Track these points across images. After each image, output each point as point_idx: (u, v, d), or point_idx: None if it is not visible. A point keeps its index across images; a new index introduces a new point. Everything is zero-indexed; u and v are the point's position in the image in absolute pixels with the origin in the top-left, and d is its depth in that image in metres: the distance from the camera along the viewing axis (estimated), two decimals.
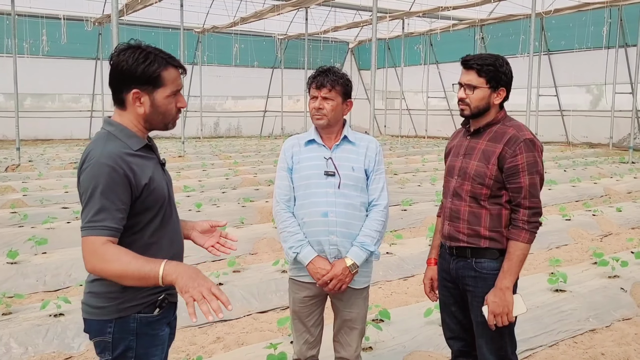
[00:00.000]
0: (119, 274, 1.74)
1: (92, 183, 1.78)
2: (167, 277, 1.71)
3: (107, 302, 1.87)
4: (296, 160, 2.69)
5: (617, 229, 7.60)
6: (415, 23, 22.09)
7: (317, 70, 2.69)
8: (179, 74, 1.95)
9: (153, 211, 1.90)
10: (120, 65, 1.86)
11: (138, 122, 1.93)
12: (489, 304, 2.40)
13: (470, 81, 2.46)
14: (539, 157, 2.43)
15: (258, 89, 25.82)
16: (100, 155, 1.80)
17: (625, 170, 13.29)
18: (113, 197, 1.78)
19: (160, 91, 1.90)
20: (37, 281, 5.18)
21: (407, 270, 5.66)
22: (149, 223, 1.90)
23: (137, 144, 1.90)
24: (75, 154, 16.39)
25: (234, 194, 9.42)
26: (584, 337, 4.05)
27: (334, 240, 2.60)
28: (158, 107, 1.91)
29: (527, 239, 2.39)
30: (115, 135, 1.88)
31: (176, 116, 1.99)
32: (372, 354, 3.52)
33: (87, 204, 1.80)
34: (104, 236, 1.76)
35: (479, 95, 2.45)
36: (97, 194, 1.77)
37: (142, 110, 1.90)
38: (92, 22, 18.65)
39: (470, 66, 2.46)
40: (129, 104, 1.91)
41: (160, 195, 1.92)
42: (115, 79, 1.90)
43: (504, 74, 2.46)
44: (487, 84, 2.44)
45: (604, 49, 17.34)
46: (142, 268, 1.72)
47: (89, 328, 1.92)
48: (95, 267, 1.76)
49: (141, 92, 1.88)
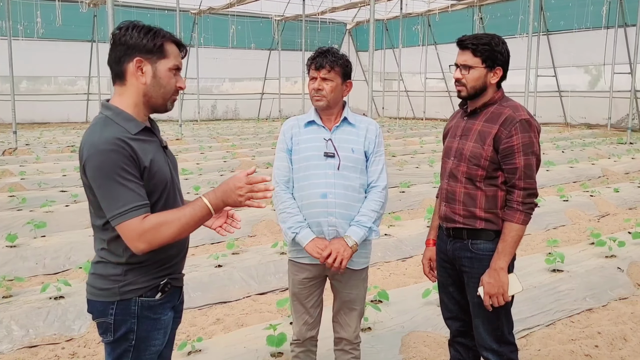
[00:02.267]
0: (178, 233, 1.81)
1: (101, 171, 1.76)
2: (217, 207, 1.85)
3: (109, 285, 1.87)
4: (295, 141, 2.68)
5: (615, 209, 7.63)
6: (413, 4, 21.89)
7: (316, 51, 2.66)
8: (179, 53, 1.95)
9: (155, 195, 1.88)
10: (125, 38, 1.86)
11: (138, 98, 1.91)
12: (484, 285, 2.41)
13: (466, 61, 2.44)
14: (535, 137, 2.41)
15: (255, 71, 25.66)
16: (99, 143, 1.77)
17: (623, 151, 13.30)
18: (127, 176, 1.77)
19: (163, 62, 1.90)
20: (36, 264, 5.19)
21: (406, 252, 5.69)
22: (153, 206, 1.88)
23: (135, 127, 1.87)
24: (72, 137, 16.33)
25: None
26: (580, 317, 4.08)
27: (332, 221, 2.60)
28: (160, 78, 1.90)
29: (522, 220, 2.39)
30: (113, 120, 1.86)
31: (175, 96, 1.98)
32: (371, 334, 3.55)
33: (106, 193, 1.77)
34: (138, 215, 1.76)
35: (475, 75, 2.44)
36: (111, 180, 1.75)
37: (144, 80, 1.89)
38: (87, 3, 18.47)
39: (466, 46, 2.45)
40: (130, 75, 1.89)
41: (162, 178, 1.91)
42: (118, 50, 1.89)
43: (500, 53, 2.43)
44: (482, 63, 2.42)
45: (603, 28, 17.26)
46: (193, 216, 1.82)
47: (92, 309, 1.93)
48: (151, 243, 1.78)
49: (144, 60, 1.87)
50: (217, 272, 4.75)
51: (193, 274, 4.61)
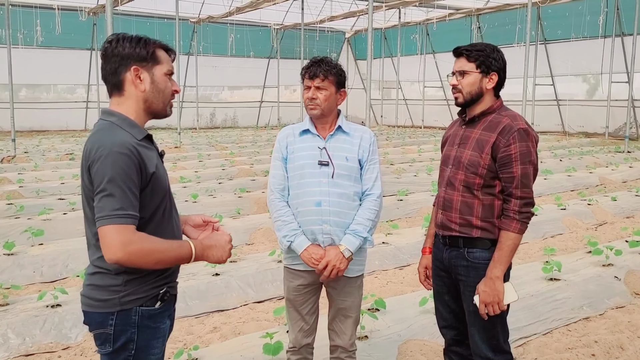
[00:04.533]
0: (156, 263, 1.83)
1: (110, 172, 1.75)
2: (197, 258, 1.91)
3: (109, 295, 1.85)
4: (290, 150, 2.70)
5: (612, 218, 7.64)
6: (411, 13, 22.01)
7: (310, 60, 2.69)
8: (169, 58, 2.01)
9: (156, 202, 1.90)
10: (117, 50, 1.90)
11: (138, 106, 1.93)
12: (479, 293, 2.42)
13: (462, 67, 2.47)
14: (533, 147, 2.42)
15: (254, 79, 25.73)
16: (112, 144, 1.78)
17: (621, 159, 13.33)
18: (131, 185, 1.78)
19: (158, 68, 1.95)
20: (33, 272, 5.19)
21: (403, 260, 5.69)
22: (152, 216, 1.89)
23: (140, 134, 1.90)
24: (71, 144, 16.34)
25: (230, 185, 9.42)
26: (577, 325, 4.08)
27: (327, 229, 2.61)
28: (158, 83, 1.95)
29: (518, 229, 2.39)
30: (119, 125, 1.87)
31: (172, 99, 2.03)
32: (368, 343, 3.55)
33: (107, 194, 1.75)
34: (132, 224, 1.75)
35: (470, 80, 2.46)
36: (116, 183, 1.75)
37: (143, 88, 1.92)
38: (86, 12, 18.56)
39: (460, 53, 2.49)
40: (128, 84, 1.91)
41: (162, 186, 1.93)
42: (112, 63, 1.91)
43: (494, 59, 2.46)
44: (477, 68, 2.45)
45: (601, 38, 17.36)
46: (177, 256, 1.86)
47: (89, 320, 1.91)
48: (130, 259, 1.74)
49: (141, 68, 1.91)
50: (215, 280, 4.74)
51: (190, 282, 4.61)
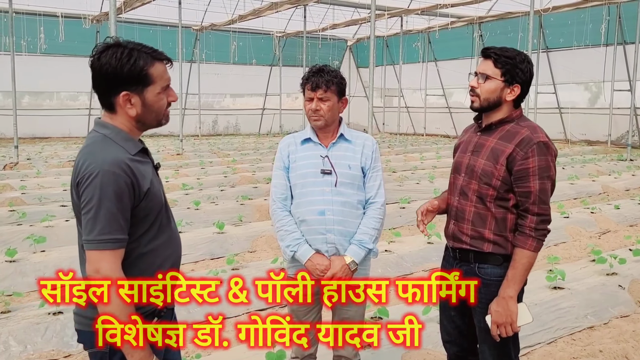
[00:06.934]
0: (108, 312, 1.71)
1: (99, 192, 1.69)
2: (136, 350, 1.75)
3: None
4: (292, 159, 2.68)
5: (615, 226, 7.61)
6: (413, 20, 22.06)
7: (310, 70, 2.65)
8: (165, 68, 1.86)
9: (151, 218, 1.85)
10: (104, 68, 1.75)
11: (130, 124, 1.85)
12: (492, 314, 2.31)
13: (485, 70, 2.35)
14: (552, 161, 2.30)
15: (256, 87, 25.77)
16: (103, 162, 1.71)
17: (624, 167, 13.29)
18: (120, 207, 1.72)
19: (150, 89, 1.81)
20: (35, 279, 5.17)
21: (406, 268, 5.67)
22: (147, 231, 1.85)
23: (134, 148, 1.83)
24: (73, 151, 16.35)
25: (232, 192, 9.41)
26: (582, 334, 4.06)
27: (331, 238, 2.60)
28: (150, 106, 1.83)
29: (534, 247, 2.27)
30: (112, 139, 1.79)
31: (167, 110, 1.91)
32: (371, 352, 3.52)
33: (93, 216, 1.71)
34: (118, 249, 1.74)
35: (491, 87, 2.34)
36: (105, 204, 1.70)
37: (134, 112, 1.82)
38: (89, 19, 18.61)
39: (488, 55, 2.37)
40: (119, 107, 1.82)
41: (158, 201, 1.87)
42: (100, 83, 1.79)
43: (522, 70, 2.33)
44: (502, 76, 2.32)
45: (603, 46, 17.35)
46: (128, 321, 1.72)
47: (83, 339, 1.88)
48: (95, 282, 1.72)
49: (131, 93, 1.78)
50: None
51: None
